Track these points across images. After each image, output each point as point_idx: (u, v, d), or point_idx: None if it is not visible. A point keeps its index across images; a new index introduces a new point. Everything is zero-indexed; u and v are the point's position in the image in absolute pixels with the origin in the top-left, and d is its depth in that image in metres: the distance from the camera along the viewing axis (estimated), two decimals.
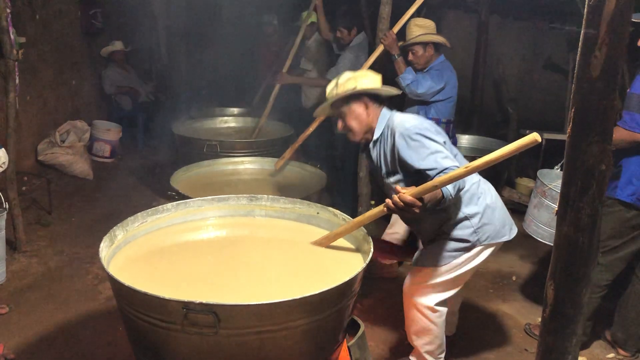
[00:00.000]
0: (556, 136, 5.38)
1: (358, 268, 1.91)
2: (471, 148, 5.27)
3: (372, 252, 2.03)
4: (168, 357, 1.78)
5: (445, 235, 2.39)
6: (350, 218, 2.28)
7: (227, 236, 2.44)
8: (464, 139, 5.36)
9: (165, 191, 3.33)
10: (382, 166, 2.40)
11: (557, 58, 6.47)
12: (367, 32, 4.75)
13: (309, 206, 2.49)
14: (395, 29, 3.63)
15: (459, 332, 3.06)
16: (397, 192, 1.94)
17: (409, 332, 2.66)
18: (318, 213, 2.45)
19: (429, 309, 2.51)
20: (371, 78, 2.37)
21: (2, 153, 3.37)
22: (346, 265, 2.08)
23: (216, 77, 7.27)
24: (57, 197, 4.98)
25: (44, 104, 5.76)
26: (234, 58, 7.09)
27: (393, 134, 2.28)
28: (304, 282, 1.98)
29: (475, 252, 2.40)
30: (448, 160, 2.14)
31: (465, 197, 2.35)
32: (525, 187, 5.13)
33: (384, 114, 2.39)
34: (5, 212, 3.48)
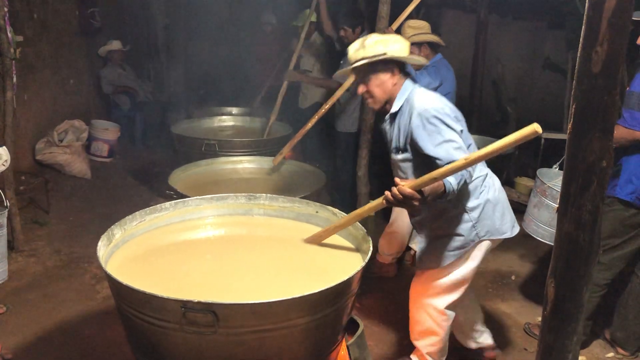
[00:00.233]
0: (555, 135, 5.38)
1: (357, 267, 1.90)
2: None
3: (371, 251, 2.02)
4: (166, 357, 1.77)
5: (444, 230, 2.35)
6: None
7: (226, 235, 2.43)
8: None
9: (163, 190, 3.32)
10: (393, 140, 2.33)
11: (556, 58, 6.47)
12: (368, 32, 4.74)
13: (308, 205, 2.48)
14: (393, 27, 3.65)
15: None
16: (397, 184, 1.92)
17: (413, 332, 2.63)
18: (317, 212, 2.44)
19: (438, 312, 2.47)
20: (401, 44, 2.24)
21: (4, 151, 3.36)
22: (345, 264, 2.08)
23: (214, 77, 7.26)
24: (55, 197, 4.97)
25: (42, 104, 5.75)
26: (233, 57, 7.09)
27: (411, 111, 2.20)
28: (303, 281, 1.97)
29: (475, 248, 2.36)
30: (460, 151, 2.08)
31: (468, 190, 2.28)
32: (524, 187, 5.12)
33: (407, 87, 2.28)
34: (6, 210, 3.47)
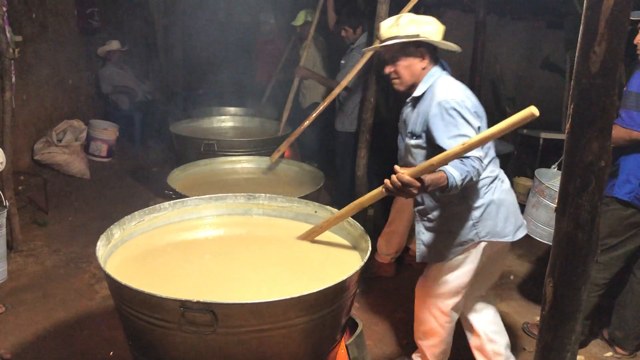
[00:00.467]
0: (554, 135, 5.38)
1: (356, 267, 1.90)
2: None
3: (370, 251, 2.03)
4: (165, 356, 1.77)
5: (444, 225, 2.33)
6: (350, 218, 2.27)
7: (225, 235, 2.43)
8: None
9: (162, 190, 3.32)
10: (409, 124, 2.31)
11: (555, 57, 6.47)
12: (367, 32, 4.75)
13: (307, 205, 2.48)
14: None
15: (457, 331, 3.05)
16: (396, 172, 1.91)
17: (417, 331, 2.62)
18: (316, 212, 2.45)
19: (442, 313, 2.46)
20: (435, 27, 2.20)
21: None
22: (344, 264, 2.08)
23: (213, 77, 7.26)
24: (54, 197, 4.96)
25: (41, 103, 5.75)
26: (232, 57, 7.09)
27: (432, 98, 2.17)
28: (302, 281, 1.98)
29: (475, 248, 2.32)
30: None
31: (474, 188, 2.25)
32: (522, 187, 5.12)
33: (433, 73, 2.25)
34: (5, 211, 3.46)
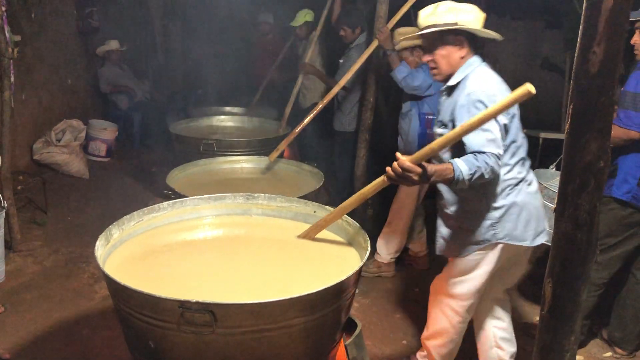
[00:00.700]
0: (554, 135, 5.38)
1: (355, 267, 1.90)
2: None
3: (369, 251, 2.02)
4: (164, 357, 1.77)
5: (463, 222, 2.30)
6: (347, 217, 2.27)
7: (224, 235, 2.43)
8: None
9: (161, 190, 3.32)
10: (441, 113, 2.28)
11: (554, 57, 6.48)
12: (366, 31, 4.75)
13: (306, 205, 2.48)
14: (389, 25, 3.68)
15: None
16: (398, 159, 1.91)
17: (427, 329, 2.59)
18: (315, 212, 2.44)
19: (454, 312, 2.44)
20: (475, 15, 2.14)
21: None
22: (343, 263, 2.08)
23: (213, 76, 7.25)
24: (53, 197, 4.96)
25: (40, 103, 5.74)
26: (231, 57, 7.08)
27: (464, 88, 2.15)
28: (301, 281, 1.97)
29: (493, 250, 2.28)
30: (492, 145, 2.03)
31: (496, 188, 2.22)
32: None
33: (471, 63, 2.21)
34: (3, 211, 3.46)
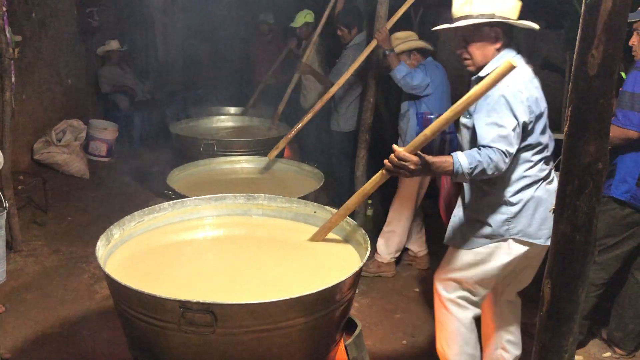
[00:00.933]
0: (554, 136, 5.37)
1: (355, 267, 1.91)
2: None
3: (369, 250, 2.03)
4: (165, 357, 1.77)
5: (477, 215, 2.25)
6: (347, 217, 2.27)
7: (224, 235, 2.44)
8: None
9: (161, 190, 3.33)
10: None
11: (555, 58, 6.48)
12: (366, 32, 4.76)
13: (306, 205, 2.48)
14: (388, 25, 3.70)
15: None
16: (394, 151, 1.91)
17: (439, 340, 2.47)
18: (315, 212, 2.45)
19: (453, 303, 2.34)
20: (512, 4, 2.09)
21: None
22: (343, 264, 2.08)
23: (213, 76, 7.26)
24: (53, 197, 4.97)
25: (40, 103, 5.75)
26: (231, 57, 7.09)
27: None
28: (301, 281, 1.98)
29: (503, 245, 2.23)
30: (503, 141, 1.99)
31: (516, 182, 2.17)
32: None
33: (504, 55, 2.14)
34: (5, 212, 3.47)
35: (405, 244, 3.94)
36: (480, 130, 2.05)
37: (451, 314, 2.38)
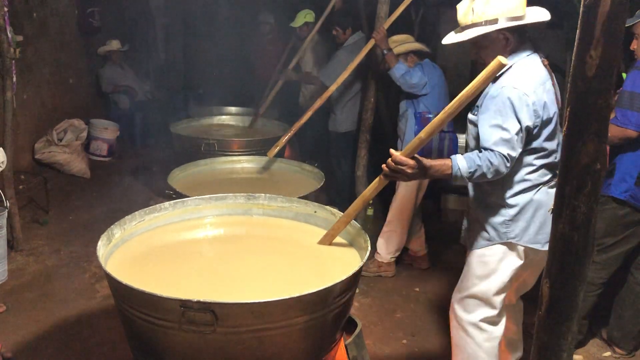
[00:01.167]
0: None
1: (355, 266, 1.91)
2: None
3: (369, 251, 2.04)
4: (165, 356, 1.78)
5: (478, 216, 2.27)
6: None
7: (225, 235, 2.44)
8: (463, 138, 5.35)
9: (162, 190, 3.33)
10: (479, 98, 2.20)
11: (555, 57, 6.47)
12: (365, 32, 4.76)
13: (307, 205, 2.49)
14: (386, 25, 3.72)
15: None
16: (391, 155, 1.92)
17: None
18: (315, 212, 2.45)
19: (473, 325, 2.31)
20: (515, 2, 2.03)
21: (0, 152, 3.37)
22: (344, 263, 2.09)
23: (214, 76, 7.26)
24: (54, 196, 4.98)
25: (41, 103, 5.76)
26: (232, 57, 7.09)
27: (501, 80, 2.09)
28: (302, 281, 1.99)
29: (504, 248, 2.23)
30: (505, 145, 1.99)
31: (516, 185, 2.17)
32: None
33: (518, 54, 2.11)
34: (5, 211, 3.48)
35: (405, 244, 3.95)
36: (483, 130, 2.04)
37: (469, 337, 2.34)
